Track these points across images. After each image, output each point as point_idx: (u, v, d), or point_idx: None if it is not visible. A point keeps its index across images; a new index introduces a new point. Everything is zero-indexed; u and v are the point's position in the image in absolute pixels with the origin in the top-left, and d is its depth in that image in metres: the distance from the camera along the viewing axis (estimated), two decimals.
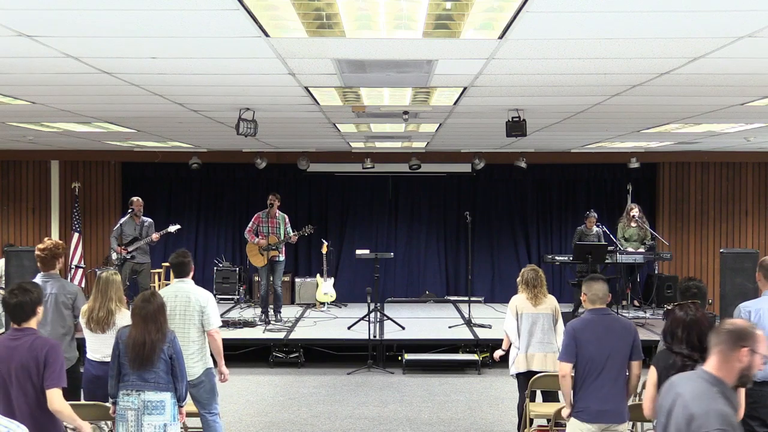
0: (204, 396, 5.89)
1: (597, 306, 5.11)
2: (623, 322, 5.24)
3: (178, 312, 5.80)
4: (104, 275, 5.93)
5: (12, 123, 9.06)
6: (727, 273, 9.50)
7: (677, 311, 4.15)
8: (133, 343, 4.92)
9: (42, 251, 6.17)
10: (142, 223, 10.98)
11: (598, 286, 5.14)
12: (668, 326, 4.14)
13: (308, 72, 5.68)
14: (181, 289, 5.90)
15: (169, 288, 6.04)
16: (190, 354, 5.75)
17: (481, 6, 3.81)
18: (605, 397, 4.92)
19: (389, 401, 8.49)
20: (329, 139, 11.16)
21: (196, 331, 5.83)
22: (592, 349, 4.95)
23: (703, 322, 4.12)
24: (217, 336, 5.93)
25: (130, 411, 4.95)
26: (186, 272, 6.01)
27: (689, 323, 4.08)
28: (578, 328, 5.07)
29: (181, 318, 5.80)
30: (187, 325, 5.80)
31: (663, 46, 4.67)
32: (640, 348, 5.06)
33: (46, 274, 6.16)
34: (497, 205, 14.33)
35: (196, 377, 5.80)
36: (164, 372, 4.97)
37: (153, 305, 5.00)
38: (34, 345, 4.34)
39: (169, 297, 5.80)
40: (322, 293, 12.76)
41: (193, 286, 5.99)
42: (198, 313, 5.82)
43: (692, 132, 9.71)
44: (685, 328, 4.07)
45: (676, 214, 14.08)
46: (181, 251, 6.14)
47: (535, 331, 6.51)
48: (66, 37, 4.48)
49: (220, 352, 5.97)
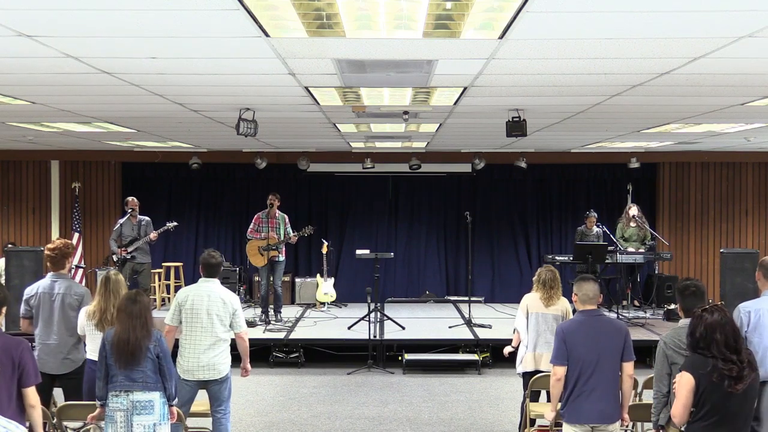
0: (225, 393, 6.02)
1: (588, 307, 5.09)
2: (614, 322, 5.23)
3: (215, 313, 5.89)
4: (113, 276, 5.93)
5: (12, 123, 9.07)
6: (727, 273, 9.51)
7: (707, 315, 4.10)
8: (118, 340, 4.93)
9: (52, 251, 6.18)
10: (140, 222, 10.96)
11: (589, 286, 5.12)
12: (702, 332, 4.08)
13: (308, 72, 5.68)
14: (214, 291, 5.97)
15: (199, 288, 6.02)
16: (221, 353, 5.91)
17: (481, 6, 3.81)
18: (597, 398, 4.90)
19: (389, 401, 8.49)
20: (329, 139, 11.16)
21: (224, 332, 5.96)
22: (583, 351, 4.93)
23: (733, 323, 4.12)
24: (246, 337, 6.13)
25: (119, 412, 4.95)
26: (216, 273, 6.11)
27: (724, 325, 4.06)
28: (569, 330, 5.05)
29: (216, 319, 5.90)
30: (218, 325, 5.91)
31: (663, 46, 4.67)
32: (632, 348, 5.05)
33: (55, 273, 6.16)
34: (497, 205, 14.33)
35: (224, 375, 5.94)
36: (152, 371, 4.98)
37: (138, 304, 5.01)
38: (8, 344, 4.41)
39: (201, 297, 5.89)
40: (322, 293, 12.76)
41: (222, 287, 6.08)
42: (231, 315, 5.96)
43: (692, 132, 9.72)
44: (722, 330, 4.04)
45: (676, 214, 14.08)
46: (213, 251, 6.22)
47: (543, 332, 6.50)
48: (66, 37, 4.48)
49: (247, 351, 6.17)
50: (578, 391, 4.93)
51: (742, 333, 5.20)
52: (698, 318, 4.14)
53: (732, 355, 4.01)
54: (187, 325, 5.89)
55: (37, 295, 6.07)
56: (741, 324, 5.22)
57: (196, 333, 5.86)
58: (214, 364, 5.87)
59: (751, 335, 5.18)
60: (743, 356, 4.04)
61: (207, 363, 5.85)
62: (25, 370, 4.42)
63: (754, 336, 5.18)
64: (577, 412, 4.93)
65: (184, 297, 5.93)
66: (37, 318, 6.06)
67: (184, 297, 5.93)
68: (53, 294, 6.04)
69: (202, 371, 5.85)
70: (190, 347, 5.86)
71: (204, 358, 5.84)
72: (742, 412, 4.07)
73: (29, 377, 4.45)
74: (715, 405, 4.03)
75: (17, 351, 4.40)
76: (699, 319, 4.13)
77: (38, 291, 6.09)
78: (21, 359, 4.40)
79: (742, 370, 3.99)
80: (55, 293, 6.04)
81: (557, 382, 5.03)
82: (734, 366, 3.99)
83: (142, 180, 13.98)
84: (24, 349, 4.44)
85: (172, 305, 6.00)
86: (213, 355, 5.86)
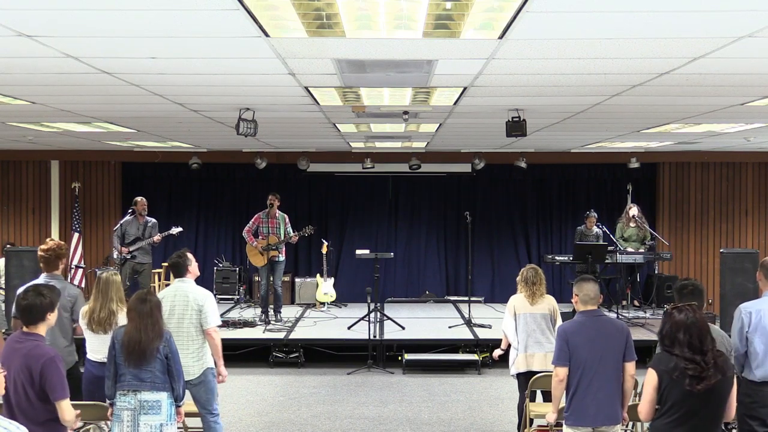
0: (203, 396, 5.90)
1: (589, 307, 5.08)
2: (615, 323, 5.22)
3: (177, 311, 5.82)
4: (104, 276, 5.93)
5: (12, 123, 9.06)
6: (727, 273, 9.50)
7: (676, 314, 4.14)
8: (128, 339, 4.93)
9: (45, 252, 6.16)
10: (146, 223, 10.98)
11: (589, 286, 5.11)
12: (668, 330, 4.12)
13: (308, 72, 5.68)
14: (180, 289, 5.93)
15: (169, 288, 6.07)
16: (190, 353, 5.76)
17: (481, 6, 3.81)
18: (600, 400, 4.89)
19: (389, 401, 8.49)
20: (329, 139, 11.16)
21: (195, 331, 5.83)
22: (585, 352, 4.92)
23: (703, 323, 4.11)
24: (216, 335, 5.91)
25: (127, 411, 4.94)
26: (183, 272, 6.01)
27: (689, 325, 4.06)
28: (570, 330, 5.04)
29: (180, 317, 5.82)
30: (185, 324, 5.81)
31: (663, 46, 4.67)
32: (633, 348, 5.03)
33: (49, 275, 6.15)
34: (497, 205, 14.33)
35: (196, 377, 5.80)
36: (160, 372, 4.98)
37: (148, 304, 5.01)
38: (31, 354, 4.30)
39: (168, 296, 5.84)
40: (322, 293, 12.76)
41: (192, 285, 6.00)
42: (196, 312, 5.82)
43: (692, 132, 9.71)
44: (687, 330, 4.05)
45: (676, 214, 14.08)
46: (179, 251, 6.17)
47: (533, 331, 6.50)
48: (66, 37, 4.48)
49: (218, 351, 5.94)
50: (581, 393, 4.91)
51: (743, 333, 5.21)
52: (667, 316, 4.19)
53: (695, 356, 4.01)
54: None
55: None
56: (742, 324, 5.22)
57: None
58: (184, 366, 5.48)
59: (751, 336, 5.18)
60: (708, 357, 4.02)
61: None
62: (48, 385, 4.26)
63: (755, 336, 5.17)
64: (582, 415, 4.91)
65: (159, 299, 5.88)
66: None
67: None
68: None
69: None
70: None
71: None
72: (704, 411, 4.05)
73: (54, 391, 4.27)
74: (676, 402, 4.05)
75: (38, 364, 4.26)
76: (668, 317, 4.18)
77: None
78: (42, 373, 4.25)
79: (704, 370, 3.98)
80: None
81: (559, 384, 5.01)
82: (697, 366, 3.98)
83: (142, 180, 13.97)
84: (46, 362, 4.27)
85: None
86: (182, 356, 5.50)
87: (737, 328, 5.27)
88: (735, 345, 5.25)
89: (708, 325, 4.18)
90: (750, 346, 5.18)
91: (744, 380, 5.19)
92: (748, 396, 5.16)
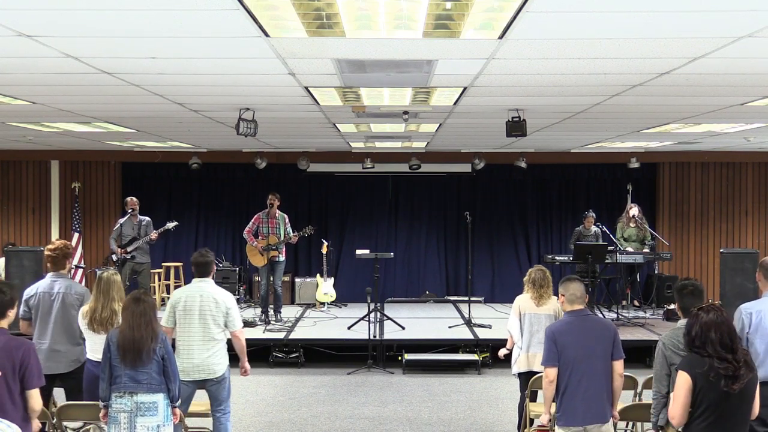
0: (223, 393, 6.01)
1: (576, 307, 5.09)
2: (603, 321, 5.24)
3: (207, 312, 5.88)
4: (105, 275, 5.93)
5: (12, 123, 9.07)
6: (727, 273, 9.51)
7: (703, 314, 4.11)
8: (122, 339, 4.93)
9: (53, 251, 6.20)
10: (140, 222, 10.96)
11: (575, 286, 5.12)
12: (698, 330, 4.08)
13: (308, 72, 5.68)
14: (206, 290, 5.96)
15: (190, 288, 6.03)
16: (215, 353, 5.89)
17: (481, 6, 3.81)
18: (590, 398, 4.90)
19: (389, 401, 8.49)
20: (329, 139, 11.16)
21: (219, 332, 5.94)
22: (573, 352, 4.92)
23: (729, 322, 4.12)
24: (242, 336, 6.13)
25: (123, 413, 4.94)
26: (208, 272, 6.09)
27: (720, 324, 4.05)
28: (558, 331, 5.04)
29: (209, 318, 5.89)
30: (211, 325, 5.89)
31: (663, 46, 4.67)
32: (621, 346, 5.04)
33: (55, 273, 6.18)
34: (497, 205, 14.33)
35: (220, 375, 5.93)
36: (156, 373, 4.98)
37: (143, 304, 5.01)
38: (9, 345, 4.37)
39: (193, 297, 5.88)
40: (322, 293, 12.76)
41: (215, 286, 6.07)
42: (224, 314, 5.93)
43: (692, 132, 9.72)
44: (717, 329, 4.04)
45: (676, 214, 14.08)
46: (204, 250, 6.20)
47: (536, 332, 6.51)
48: (66, 37, 4.48)
49: (244, 350, 6.18)
50: (571, 393, 4.92)
51: (744, 334, 5.21)
52: (694, 317, 4.15)
53: (727, 354, 4.00)
54: (180, 326, 5.88)
55: (37, 295, 6.08)
56: (742, 325, 5.22)
57: (189, 333, 5.85)
58: (209, 365, 5.86)
59: (752, 336, 5.18)
60: (739, 355, 4.02)
61: (201, 363, 5.83)
62: (28, 372, 4.36)
63: (756, 337, 5.17)
64: (571, 415, 4.92)
65: (178, 298, 5.93)
66: (38, 318, 6.06)
67: (177, 298, 5.93)
68: (53, 293, 6.05)
69: (197, 371, 5.83)
70: (184, 348, 5.85)
71: (198, 358, 5.83)
72: (739, 412, 4.06)
73: (32, 379, 4.39)
74: (712, 404, 4.02)
75: (19, 352, 4.35)
76: (695, 318, 4.14)
77: (38, 291, 6.10)
78: (23, 361, 4.35)
79: (738, 369, 3.98)
80: (54, 293, 6.05)
81: (549, 384, 5.02)
82: (730, 365, 3.98)
83: (142, 180, 13.98)
84: (27, 350, 4.39)
85: (167, 307, 5.98)
86: (207, 356, 5.85)
87: (738, 328, 5.24)
88: None
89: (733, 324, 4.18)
90: (751, 346, 5.18)
91: None
92: None
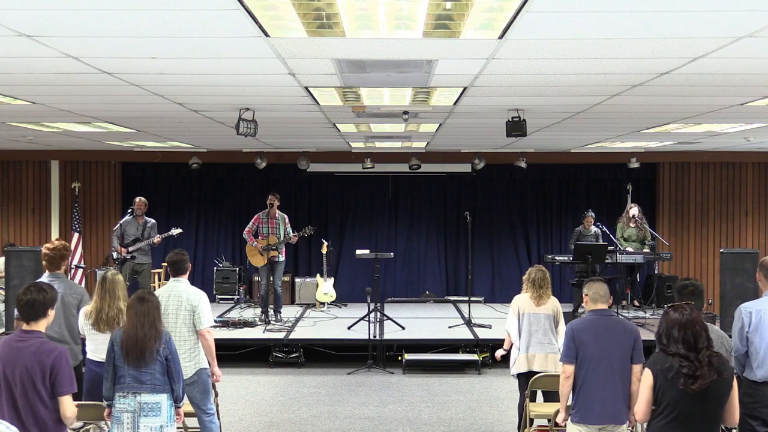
0: (198, 395, 5.93)
1: (599, 306, 5.09)
2: (625, 323, 5.21)
3: (171, 311, 5.84)
4: (109, 275, 5.93)
5: (12, 123, 9.06)
6: (727, 273, 9.50)
7: (671, 312, 4.15)
8: (126, 338, 4.92)
9: (51, 251, 6.19)
10: (145, 223, 10.97)
11: (599, 285, 5.14)
12: (664, 328, 4.13)
13: (308, 72, 5.68)
14: (175, 289, 5.95)
15: (163, 288, 6.07)
16: (182, 353, 5.74)
17: (481, 6, 3.81)
18: (606, 398, 4.88)
19: (389, 401, 8.49)
20: (329, 139, 11.16)
21: (188, 331, 5.86)
22: (592, 350, 4.92)
23: (698, 322, 4.11)
24: (209, 336, 5.94)
25: (126, 413, 4.94)
26: (182, 271, 6.05)
27: (685, 323, 4.07)
28: (578, 328, 5.04)
29: (174, 317, 5.84)
30: (178, 324, 5.84)
31: (663, 46, 4.67)
32: (642, 351, 5.00)
33: (52, 274, 6.17)
34: (497, 205, 14.33)
35: (188, 377, 5.82)
36: (160, 373, 4.98)
37: (147, 303, 5.02)
38: (41, 349, 4.30)
39: (162, 296, 5.82)
40: (322, 293, 12.76)
41: (186, 285, 6.02)
42: (189, 312, 5.86)
43: (692, 132, 9.71)
44: (681, 328, 4.06)
45: (676, 214, 14.08)
46: (178, 250, 6.19)
47: (535, 332, 6.51)
48: (66, 37, 4.48)
49: (212, 351, 5.99)
50: (587, 390, 4.91)
51: (744, 333, 5.21)
52: (664, 315, 4.19)
53: (689, 353, 4.00)
54: None
55: None
56: (742, 324, 5.22)
57: None
58: None
59: (752, 336, 5.18)
60: (702, 355, 4.00)
61: None
62: (59, 378, 4.29)
63: (755, 336, 5.17)
64: (587, 412, 4.91)
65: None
66: None
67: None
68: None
69: None
70: None
71: None
72: (701, 413, 4.03)
73: (62, 385, 4.31)
74: (671, 402, 4.03)
75: (50, 357, 4.28)
76: (664, 315, 4.18)
77: None
78: (54, 366, 4.27)
79: (698, 368, 3.96)
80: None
81: (566, 380, 5.01)
82: (690, 364, 3.97)
83: (142, 180, 13.97)
84: (59, 355, 4.31)
85: None
86: None
87: (737, 328, 5.27)
88: (736, 345, 5.25)
89: (705, 324, 4.17)
90: (750, 346, 5.18)
91: (745, 380, 5.19)
92: (749, 396, 5.16)
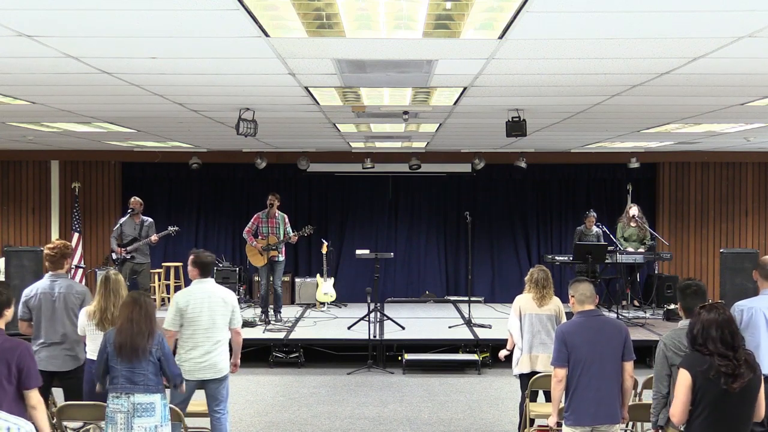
0: (224, 393, 6.05)
1: (586, 307, 5.09)
2: (614, 322, 5.23)
3: (217, 311, 5.92)
4: (112, 275, 5.93)
5: (12, 123, 9.07)
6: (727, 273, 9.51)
7: (705, 313, 4.12)
8: (120, 338, 4.93)
9: (52, 251, 6.19)
10: (142, 222, 10.96)
11: (585, 286, 5.13)
12: (700, 328, 4.10)
13: (308, 72, 5.68)
14: (211, 291, 5.99)
15: (196, 289, 6.01)
16: (222, 351, 5.94)
17: (481, 6, 3.81)
18: (601, 398, 4.90)
19: (389, 401, 8.49)
20: (329, 139, 11.16)
21: (226, 330, 6.01)
22: (584, 353, 4.92)
23: (732, 321, 4.12)
24: (242, 334, 6.27)
25: (120, 414, 4.95)
26: (211, 272, 6.16)
27: (722, 323, 4.06)
28: (568, 331, 5.04)
29: (219, 318, 5.93)
30: (220, 325, 5.94)
31: (663, 46, 4.67)
32: (632, 348, 5.04)
33: (54, 273, 6.16)
34: (497, 205, 14.33)
35: (224, 374, 5.97)
36: (153, 374, 4.99)
37: (141, 302, 5.03)
38: (4, 347, 4.36)
39: (202, 297, 5.89)
40: (322, 293, 12.76)
41: (218, 286, 6.10)
42: (230, 313, 6.01)
43: (692, 132, 9.72)
44: (719, 327, 4.05)
45: (676, 214, 14.08)
46: (205, 251, 6.23)
47: (538, 332, 6.50)
48: (66, 37, 4.48)
49: (240, 347, 6.27)
50: (581, 392, 4.91)
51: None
52: (696, 315, 4.17)
53: (728, 352, 4.01)
54: (188, 328, 5.86)
55: (37, 295, 6.06)
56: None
57: (197, 335, 5.84)
58: (215, 364, 5.88)
59: (744, 333, 5.20)
60: (740, 354, 4.03)
61: (207, 363, 5.85)
62: (25, 373, 4.36)
63: (746, 334, 5.22)
64: (581, 415, 4.91)
65: (185, 302, 5.88)
66: (39, 318, 6.04)
67: (185, 302, 5.88)
68: (54, 294, 6.04)
69: (202, 371, 5.85)
70: (192, 349, 5.84)
71: (204, 358, 5.84)
72: (739, 411, 4.05)
73: (30, 379, 4.38)
74: (711, 403, 4.02)
75: (14, 354, 4.34)
76: (697, 316, 4.16)
77: (37, 292, 6.07)
78: (19, 362, 4.34)
79: (738, 367, 3.98)
80: (55, 293, 6.04)
81: (558, 384, 5.01)
82: (730, 363, 3.98)
83: (142, 180, 13.97)
84: (22, 351, 4.38)
85: (171, 309, 5.93)
86: (213, 355, 5.87)
87: None
88: None
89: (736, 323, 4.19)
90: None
91: None
92: None
